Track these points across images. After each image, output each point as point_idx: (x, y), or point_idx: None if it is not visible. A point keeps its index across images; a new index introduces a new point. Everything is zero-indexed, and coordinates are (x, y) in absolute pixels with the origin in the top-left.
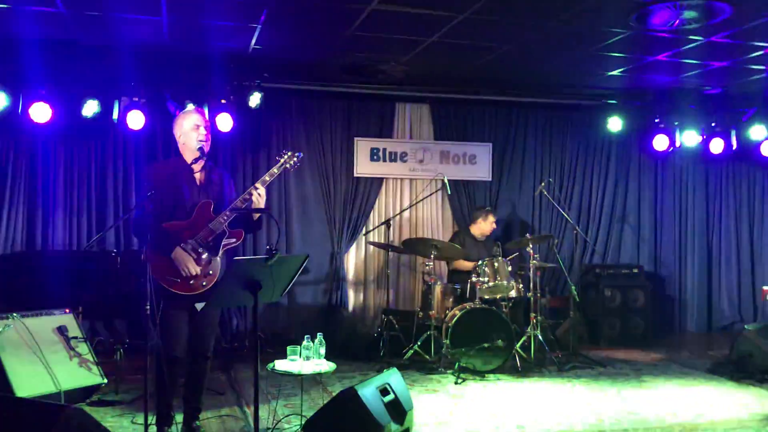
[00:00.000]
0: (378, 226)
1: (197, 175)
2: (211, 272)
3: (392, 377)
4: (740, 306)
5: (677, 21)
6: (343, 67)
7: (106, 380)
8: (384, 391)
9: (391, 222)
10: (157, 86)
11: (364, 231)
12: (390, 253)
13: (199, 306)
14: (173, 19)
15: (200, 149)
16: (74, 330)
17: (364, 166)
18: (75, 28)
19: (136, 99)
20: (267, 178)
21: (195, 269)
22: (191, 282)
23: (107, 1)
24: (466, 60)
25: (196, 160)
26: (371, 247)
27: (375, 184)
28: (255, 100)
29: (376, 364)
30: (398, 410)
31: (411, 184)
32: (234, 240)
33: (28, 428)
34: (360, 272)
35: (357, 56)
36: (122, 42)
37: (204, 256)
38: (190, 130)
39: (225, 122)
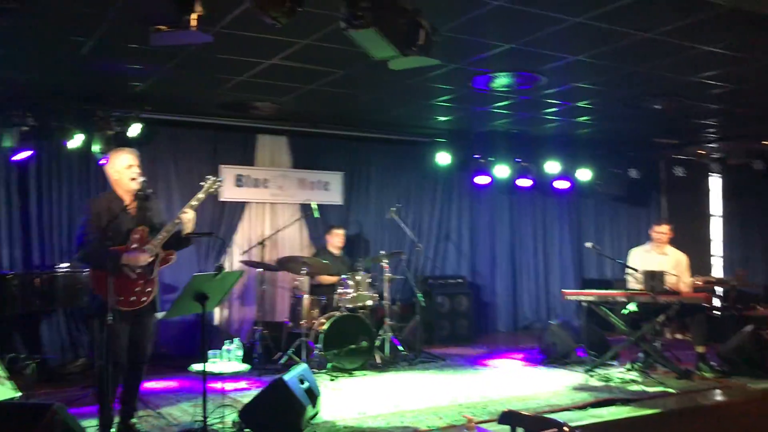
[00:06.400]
0: (253, 247)
1: (131, 206)
2: (149, 289)
3: (304, 370)
4: (538, 308)
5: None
6: (221, 104)
7: (20, 393)
8: (302, 380)
9: (265, 243)
10: (46, 117)
11: (228, 252)
12: (257, 270)
13: (159, 315)
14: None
15: (136, 190)
16: None
17: (229, 191)
18: None
19: (26, 129)
20: (194, 203)
21: (146, 259)
22: (132, 299)
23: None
24: (333, 105)
25: (135, 196)
26: (236, 265)
27: (239, 208)
28: (135, 130)
29: (254, 370)
30: (312, 395)
31: (272, 208)
32: (168, 259)
33: (18, 427)
34: None
35: (240, 96)
36: (11, 77)
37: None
38: (124, 169)
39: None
